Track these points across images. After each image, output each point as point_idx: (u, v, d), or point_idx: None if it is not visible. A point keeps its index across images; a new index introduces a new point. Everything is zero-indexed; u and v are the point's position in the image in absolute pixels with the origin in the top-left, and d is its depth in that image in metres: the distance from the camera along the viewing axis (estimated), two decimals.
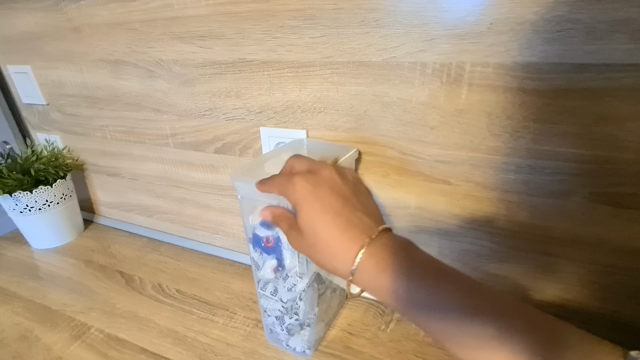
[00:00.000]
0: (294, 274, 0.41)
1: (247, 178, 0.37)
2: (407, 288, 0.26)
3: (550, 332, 0.23)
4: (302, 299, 0.42)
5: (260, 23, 0.47)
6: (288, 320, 0.45)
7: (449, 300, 0.26)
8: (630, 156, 0.37)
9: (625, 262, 0.41)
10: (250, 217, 0.41)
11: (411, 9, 0.39)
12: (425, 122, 0.44)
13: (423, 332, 0.27)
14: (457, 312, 0.25)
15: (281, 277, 0.42)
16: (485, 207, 0.46)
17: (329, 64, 0.46)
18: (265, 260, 0.42)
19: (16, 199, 0.68)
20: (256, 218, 0.40)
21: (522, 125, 0.40)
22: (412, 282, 0.26)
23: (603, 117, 0.36)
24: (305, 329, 0.46)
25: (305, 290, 0.42)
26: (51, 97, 0.75)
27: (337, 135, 0.50)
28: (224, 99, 0.56)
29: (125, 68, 0.62)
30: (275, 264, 0.41)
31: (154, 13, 0.54)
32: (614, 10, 0.32)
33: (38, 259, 0.73)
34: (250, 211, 0.41)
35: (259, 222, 0.40)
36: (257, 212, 0.40)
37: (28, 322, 0.56)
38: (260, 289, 0.45)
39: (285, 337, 0.47)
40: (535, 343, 0.23)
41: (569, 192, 0.41)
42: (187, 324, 0.54)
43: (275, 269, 0.41)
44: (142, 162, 0.71)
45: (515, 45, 0.37)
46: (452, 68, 0.40)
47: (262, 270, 0.42)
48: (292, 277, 0.41)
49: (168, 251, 0.73)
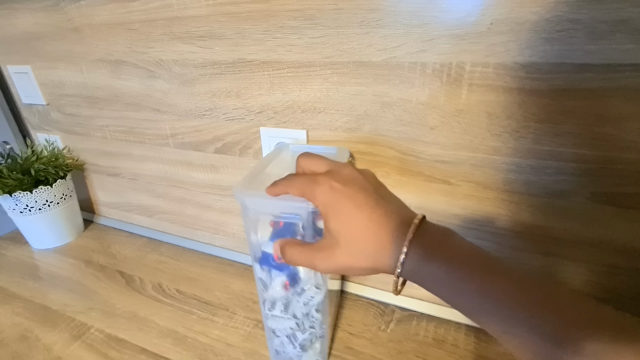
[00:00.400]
0: (310, 286, 0.39)
1: (253, 191, 0.35)
2: (459, 277, 0.25)
3: (616, 328, 0.22)
4: (320, 310, 0.40)
5: (260, 23, 0.47)
6: (301, 336, 0.43)
7: (503, 291, 0.24)
8: (632, 156, 0.36)
9: (628, 262, 0.41)
10: (259, 234, 0.38)
11: (411, 9, 0.39)
12: (425, 122, 0.44)
13: (473, 321, 0.26)
14: (514, 303, 0.24)
15: (295, 292, 0.40)
16: (485, 207, 0.46)
17: (329, 64, 0.46)
18: (274, 278, 0.39)
19: (16, 199, 0.68)
20: (265, 234, 0.37)
21: (522, 125, 0.40)
22: (462, 271, 0.25)
23: (604, 117, 0.36)
24: (318, 340, 0.44)
25: (322, 301, 0.40)
26: (51, 97, 0.75)
27: (337, 135, 0.50)
28: (224, 99, 0.56)
29: (125, 68, 0.62)
30: (284, 280, 0.39)
31: (154, 13, 0.54)
32: (614, 10, 0.32)
33: (38, 259, 0.73)
34: (256, 227, 0.38)
35: (268, 238, 0.37)
36: (264, 226, 0.37)
37: (28, 322, 0.56)
38: (267, 309, 0.41)
39: (297, 354, 0.45)
40: (598, 342, 0.21)
41: (570, 192, 0.41)
42: (187, 324, 0.54)
43: (287, 285, 0.39)
44: (142, 162, 0.71)
45: (515, 45, 0.36)
46: (452, 68, 0.40)
47: (270, 289, 0.39)
48: (308, 289, 0.39)
49: (168, 251, 0.73)
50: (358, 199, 0.29)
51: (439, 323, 0.53)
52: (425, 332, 0.51)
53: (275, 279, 0.39)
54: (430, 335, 0.51)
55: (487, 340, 0.49)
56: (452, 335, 0.51)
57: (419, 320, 0.53)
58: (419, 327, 0.52)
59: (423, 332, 0.51)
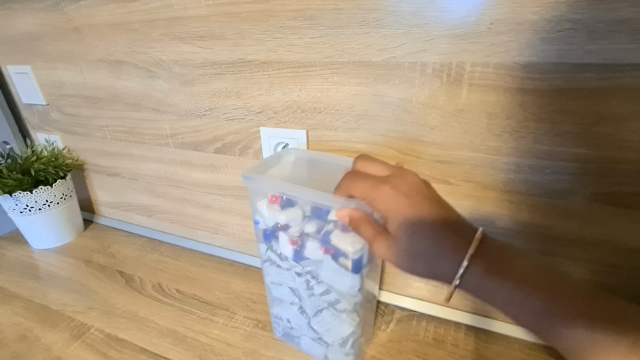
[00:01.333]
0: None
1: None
2: (525, 294, 0.25)
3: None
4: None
5: (260, 23, 0.47)
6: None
7: (572, 308, 0.24)
8: (632, 156, 0.37)
9: (628, 261, 0.41)
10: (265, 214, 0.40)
11: (411, 9, 0.39)
12: (425, 122, 0.44)
13: (539, 337, 0.25)
14: (585, 319, 0.23)
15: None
16: (485, 207, 0.46)
17: (329, 64, 0.46)
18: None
19: (16, 199, 0.68)
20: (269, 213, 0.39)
21: (522, 125, 0.40)
22: (528, 288, 0.25)
23: (604, 117, 0.36)
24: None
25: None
26: (51, 97, 0.75)
27: (337, 135, 0.50)
28: (224, 99, 0.56)
29: (125, 68, 0.62)
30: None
31: (154, 13, 0.54)
32: (614, 10, 0.32)
33: (38, 259, 0.73)
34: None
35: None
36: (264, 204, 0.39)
37: (28, 322, 0.56)
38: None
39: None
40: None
41: (570, 192, 0.41)
42: (187, 324, 0.54)
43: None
44: (142, 162, 0.71)
45: (515, 45, 0.37)
46: (452, 68, 0.40)
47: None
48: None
49: (168, 251, 0.73)
50: (422, 208, 0.29)
51: (439, 323, 0.53)
52: (425, 332, 0.51)
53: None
54: (430, 335, 0.51)
55: (487, 340, 0.49)
56: (452, 335, 0.51)
57: (419, 320, 0.53)
58: (419, 327, 0.52)
59: (423, 332, 0.51)
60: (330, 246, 0.38)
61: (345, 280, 0.39)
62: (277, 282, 0.46)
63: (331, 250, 0.38)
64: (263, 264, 0.46)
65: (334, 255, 0.38)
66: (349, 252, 0.36)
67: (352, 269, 0.37)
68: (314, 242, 0.39)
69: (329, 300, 0.41)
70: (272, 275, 0.45)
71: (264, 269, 0.46)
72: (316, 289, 0.42)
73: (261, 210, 0.41)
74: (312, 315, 0.44)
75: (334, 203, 0.33)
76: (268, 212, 0.41)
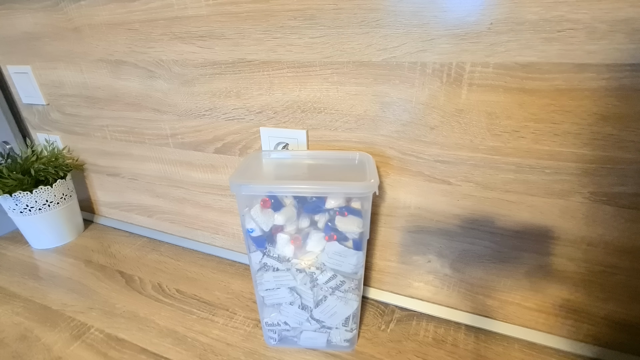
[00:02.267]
0: None
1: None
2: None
3: None
4: None
5: (260, 23, 0.47)
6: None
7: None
8: (632, 156, 0.37)
9: (627, 262, 0.41)
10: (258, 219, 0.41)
11: (411, 9, 0.39)
12: (425, 122, 0.44)
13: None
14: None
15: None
16: (485, 207, 0.46)
17: (329, 64, 0.46)
18: None
19: (16, 199, 0.68)
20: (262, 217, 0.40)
21: (522, 125, 0.40)
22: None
23: (604, 117, 0.36)
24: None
25: None
26: (51, 97, 0.75)
27: (337, 135, 0.50)
28: (224, 99, 0.56)
29: (125, 68, 0.62)
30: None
31: (154, 13, 0.54)
32: (614, 10, 0.32)
33: (38, 259, 0.73)
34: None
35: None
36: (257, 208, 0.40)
37: (28, 322, 0.56)
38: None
39: None
40: None
41: (569, 192, 0.41)
42: (187, 324, 0.54)
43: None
44: (142, 162, 0.71)
45: (515, 45, 0.36)
46: (452, 68, 0.40)
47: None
48: None
49: (168, 251, 0.73)
50: None
51: (438, 323, 0.53)
52: (425, 332, 0.51)
53: None
54: (430, 335, 0.51)
55: (486, 340, 0.49)
56: (452, 335, 0.51)
57: (418, 320, 0.53)
58: (419, 327, 0.52)
59: (423, 332, 0.51)
60: (334, 232, 0.40)
61: (351, 260, 0.41)
62: (273, 288, 0.45)
63: (334, 236, 0.40)
64: (256, 274, 0.45)
65: (337, 240, 0.40)
66: (355, 232, 0.39)
67: (356, 246, 0.40)
68: (318, 233, 0.41)
69: (333, 285, 0.43)
70: (268, 282, 0.45)
71: (257, 279, 0.45)
72: (320, 278, 0.43)
73: (255, 216, 0.41)
74: (314, 307, 0.45)
75: (354, 189, 0.37)
76: (263, 216, 0.41)
